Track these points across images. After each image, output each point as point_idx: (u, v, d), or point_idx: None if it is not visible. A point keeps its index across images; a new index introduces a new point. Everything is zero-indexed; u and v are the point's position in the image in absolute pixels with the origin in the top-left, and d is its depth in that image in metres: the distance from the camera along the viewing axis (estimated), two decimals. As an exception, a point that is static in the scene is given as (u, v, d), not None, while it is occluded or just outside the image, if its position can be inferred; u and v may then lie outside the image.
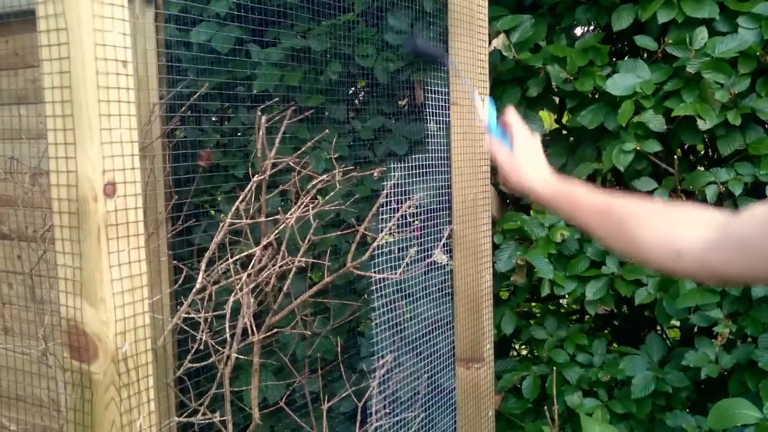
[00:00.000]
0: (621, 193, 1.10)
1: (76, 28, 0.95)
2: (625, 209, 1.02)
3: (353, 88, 2.71)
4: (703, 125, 1.90)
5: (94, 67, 0.96)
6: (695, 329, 2.11)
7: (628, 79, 2.00)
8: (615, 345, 2.52)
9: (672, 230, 0.95)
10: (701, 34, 1.92)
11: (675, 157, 2.01)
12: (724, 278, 0.96)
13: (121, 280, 1.02)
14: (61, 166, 1.00)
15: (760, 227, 0.86)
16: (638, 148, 1.97)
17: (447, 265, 1.99)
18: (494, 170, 2.18)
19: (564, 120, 2.38)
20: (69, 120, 0.98)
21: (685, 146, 2.21)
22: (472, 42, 1.94)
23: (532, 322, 2.46)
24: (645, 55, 2.15)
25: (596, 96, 2.12)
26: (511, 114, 1.30)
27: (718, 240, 0.90)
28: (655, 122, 1.96)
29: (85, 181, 0.98)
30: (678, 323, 2.21)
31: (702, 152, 2.42)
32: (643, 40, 2.05)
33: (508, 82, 2.21)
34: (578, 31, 2.39)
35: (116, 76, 0.99)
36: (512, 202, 2.35)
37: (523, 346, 2.73)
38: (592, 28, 2.39)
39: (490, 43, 2.10)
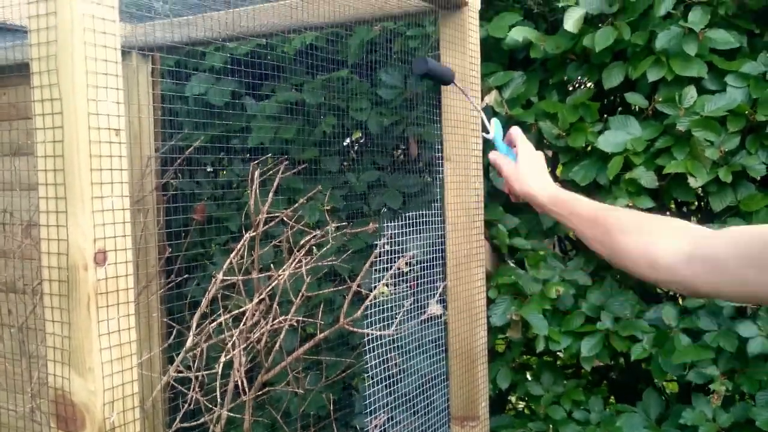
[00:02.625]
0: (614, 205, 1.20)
1: (70, 97, 0.96)
2: (612, 219, 1.12)
3: (348, 140, 2.73)
4: (694, 183, 1.91)
5: (87, 137, 0.97)
6: (693, 384, 2.09)
7: (619, 135, 2.02)
8: (612, 399, 2.50)
9: (650, 242, 1.03)
10: (690, 92, 1.95)
11: (668, 213, 2.02)
12: (693, 291, 1.02)
13: (110, 349, 1.01)
14: (51, 234, 1.00)
15: (729, 248, 0.93)
16: (631, 205, 1.98)
17: (442, 315, 1.98)
18: (488, 223, 2.18)
19: (558, 172, 2.39)
20: (61, 188, 0.98)
21: (678, 200, 2.22)
22: (464, 98, 1.96)
23: (528, 375, 2.43)
24: (636, 109, 2.17)
25: (589, 150, 2.14)
26: (516, 131, 1.45)
27: (690, 254, 0.97)
28: (647, 179, 1.97)
29: (75, 249, 0.98)
30: (675, 378, 2.19)
31: (695, 206, 2.43)
32: (634, 98, 2.07)
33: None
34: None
35: (109, 145, 1.00)
36: (507, 256, 2.35)
37: (520, 400, 2.70)
38: (584, 83, 2.42)
39: (482, 99, 2.12)
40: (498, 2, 2.33)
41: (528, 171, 1.35)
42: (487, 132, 1.52)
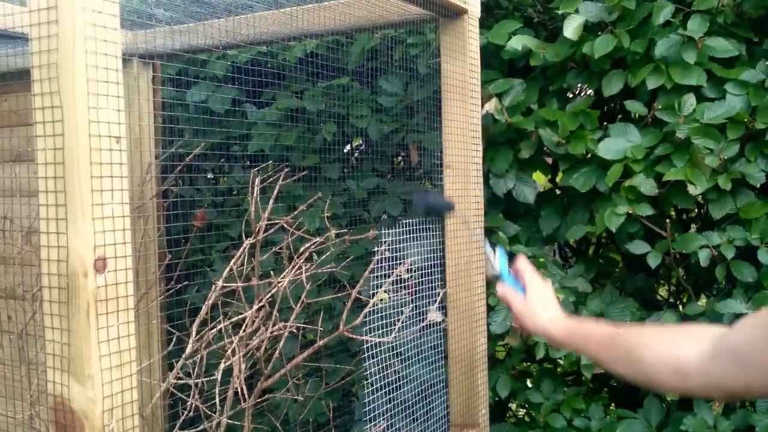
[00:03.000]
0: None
1: (71, 105, 0.96)
2: (629, 337, 1.09)
3: (348, 147, 2.74)
4: (693, 190, 1.91)
5: (87, 144, 0.97)
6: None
7: (618, 143, 2.02)
8: (613, 406, 2.49)
9: (671, 349, 1.00)
10: (689, 100, 1.95)
11: (667, 221, 2.02)
12: (724, 390, 0.97)
13: (110, 356, 1.01)
14: (51, 241, 1.00)
15: (749, 335, 0.90)
16: (630, 212, 1.98)
17: (442, 322, 1.98)
18: (488, 230, 2.18)
19: (558, 179, 2.40)
20: (61, 195, 0.98)
21: (678, 207, 2.22)
22: (464, 106, 1.97)
23: (528, 382, 2.43)
24: (636, 116, 2.18)
25: (589, 157, 2.14)
26: (523, 262, 1.39)
27: (712, 352, 0.94)
28: (647, 186, 1.97)
29: (75, 256, 0.98)
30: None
31: (695, 213, 2.43)
32: (633, 105, 2.08)
33: (501, 145, 2.23)
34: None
35: (109, 152, 1.00)
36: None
37: (520, 408, 2.69)
38: (584, 90, 2.43)
39: (482, 106, 2.12)
40: (498, 10, 2.34)
41: (538, 306, 1.31)
42: (493, 266, 1.45)
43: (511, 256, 1.45)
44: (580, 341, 1.19)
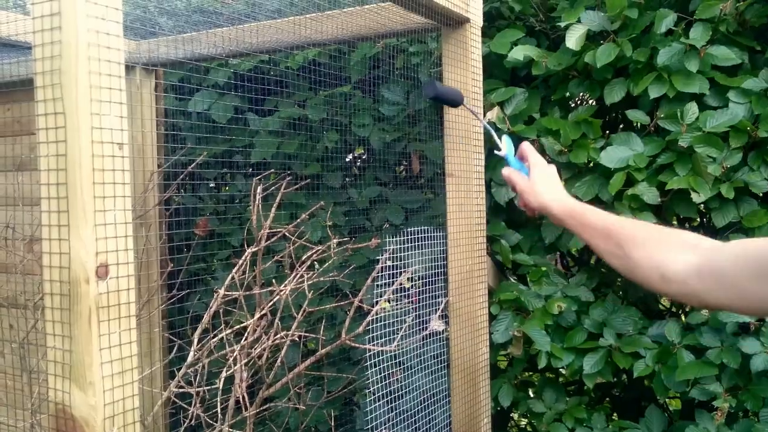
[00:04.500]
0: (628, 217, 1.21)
1: (74, 112, 0.97)
2: (625, 232, 1.13)
3: (350, 156, 2.74)
4: (697, 198, 1.91)
5: (90, 151, 0.97)
6: (696, 400, 2.08)
7: (621, 151, 2.02)
8: (615, 416, 2.48)
9: (661, 255, 1.05)
10: (692, 108, 1.95)
11: (670, 228, 2.02)
12: (703, 303, 1.03)
13: (111, 363, 1.01)
14: (53, 248, 1.00)
15: (736, 262, 0.95)
16: (633, 220, 1.98)
17: (444, 331, 1.98)
18: (490, 239, 2.18)
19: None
20: (63, 202, 0.98)
21: (681, 216, 2.22)
22: (467, 114, 1.97)
23: (531, 392, 2.42)
24: (638, 125, 2.18)
25: (591, 166, 2.14)
26: (527, 146, 1.46)
27: (698, 267, 0.99)
28: (649, 195, 1.97)
29: (77, 263, 0.98)
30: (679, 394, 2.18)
31: (698, 221, 2.43)
32: (635, 114, 2.08)
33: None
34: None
35: (112, 159, 1.00)
36: (510, 271, 2.34)
37: (522, 418, 2.68)
38: (586, 99, 2.43)
39: (484, 115, 2.13)
40: (500, 20, 2.34)
41: (542, 184, 1.36)
42: (499, 149, 1.52)
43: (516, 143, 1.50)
44: (578, 225, 1.24)
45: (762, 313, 1.01)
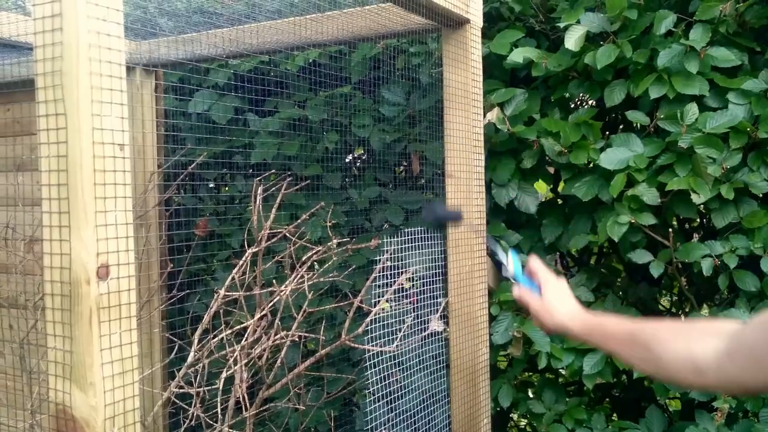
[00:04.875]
0: (646, 319, 1.19)
1: (74, 112, 0.97)
2: (648, 333, 1.09)
3: (350, 157, 2.74)
4: (696, 199, 1.91)
5: (91, 151, 0.97)
6: (695, 401, 2.08)
7: (621, 153, 2.02)
8: (615, 416, 2.48)
9: (689, 347, 1.01)
10: (692, 109, 1.95)
11: (670, 230, 2.02)
12: (743, 387, 0.97)
13: (112, 364, 1.01)
14: (54, 248, 1.00)
15: (762, 335, 0.90)
16: (633, 221, 1.98)
17: (444, 332, 1.98)
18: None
19: (560, 188, 2.40)
20: (64, 203, 0.98)
21: (680, 216, 2.22)
22: (467, 115, 1.97)
23: (530, 392, 2.42)
24: (638, 126, 2.18)
25: (591, 166, 2.14)
26: (535, 261, 1.40)
27: (727, 349, 0.95)
28: (649, 195, 1.97)
29: (78, 263, 0.98)
30: (679, 395, 2.18)
31: (698, 222, 2.43)
32: (635, 115, 2.08)
33: (503, 154, 2.23)
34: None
35: (113, 160, 1.00)
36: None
37: (522, 418, 2.68)
38: (586, 99, 2.43)
39: (484, 116, 2.13)
40: (500, 20, 2.34)
41: (556, 303, 1.32)
42: (506, 269, 1.47)
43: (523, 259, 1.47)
44: (599, 337, 1.21)
45: None
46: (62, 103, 0.97)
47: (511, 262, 1.45)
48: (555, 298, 1.32)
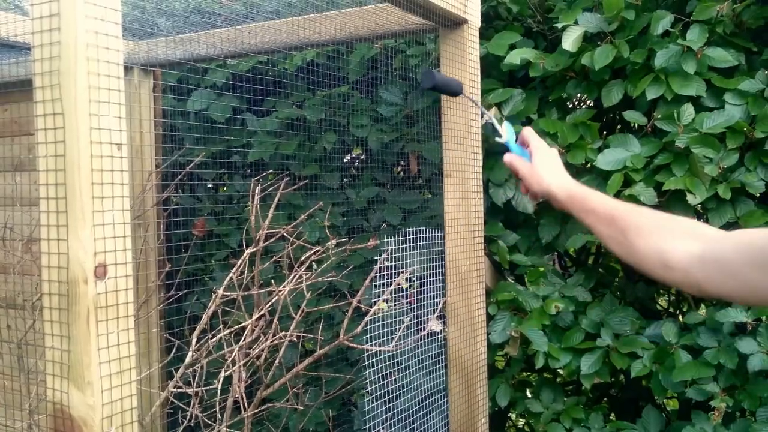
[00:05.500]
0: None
1: (72, 112, 0.97)
2: (628, 219, 1.13)
3: (348, 157, 2.74)
4: (693, 200, 1.91)
5: (88, 151, 0.97)
6: (693, 401, 2.08)
7: (618, 153, 2.03)
8: (613, 416, 2.48)
9: (664, 242, 1.05)
10: (688, 110, 1.96)
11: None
12: (703, 291, 1.02)
13: (109, 363, 1.01)
14: (52, 248, 1.00)
15: (739, 253, 0.94)
16: (630, 221, 1.98)
17: (442, 331, 1.98)
18: (488, 239, 2.18)
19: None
20: (62, 202, 0.98)
21: (678, 216, 2.22)
22: (464, 115, 1.97)
23: (528, 392, 2.42)
24: (636, 127, 2.18)
25: (588, 166, 2.15)
26: (528, 131, 1.45)
27: (701, 256, 0.99)
28: (647, 195, 1.97)
29: (75, 263, 0.98)
30: (676, 394, 2.18)
31: (694, 222, 2.43)
32: (633, 115, 2.09)
33: (501, 154, 2.22)
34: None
35: (110, 159, 1.00)
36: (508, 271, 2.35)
37: (520, 418, 2.69)
38: (583, 99, 2.43)
39: (482, 116, 2.13)
40: (498, 21, 2.35)
41: (544, 168, 1.35)
42: (500, 136, 1.51)
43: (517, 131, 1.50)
44: (581, 209, 1.23)
45: (762, 303, 1.00)
46: (60, 102, 0.97)
47: (505, 130, 1.49)
48: (544, 165, 1.36)
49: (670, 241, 1.03)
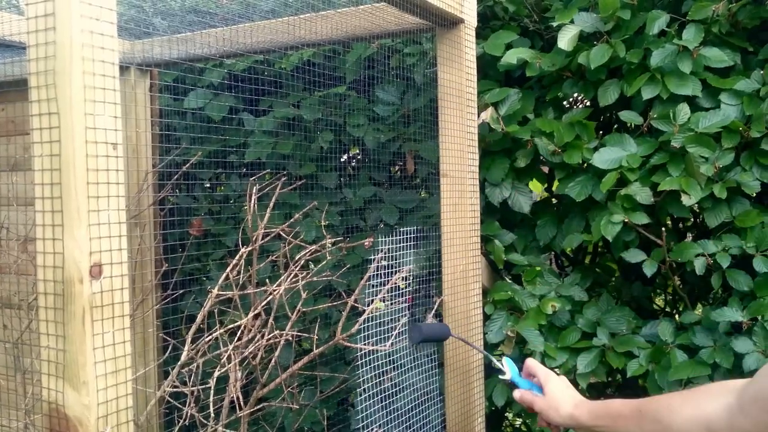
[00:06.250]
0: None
1: (68, 112, 0.97)
2: (656, 403, 1.12)
3: (345, 156, 2.74)
4: (687, 201, 1.91)
5: (84, 151, 0.97)
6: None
7: (614, 152, 2.03)
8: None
9: (699, 410, 1.03)
10: (684, 109, 1.96)
11: (663, 229, 2.02)
12: None
13: (105, 363, 1.01)
14: (47, 247, 1.00)
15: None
16: (626, 221, 1.99)
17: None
18: (484, 239, 2.19)
19: (554, 187, 2.40)
20: (57, 202, 0.98)
21: (674, 215, 2.23)
22: (461, 114, 1.98)
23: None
24: (632, 126, 2.19)
25: (585, 166, 2.15)
26: (532, 362, 1.45)
27: (739, 404, 0.97)
28: (642, 195, 1.98)
29: (71, 262, 0.98)
30: (671, 394, 2.19)
31: (691, 221, 2.44)
32: (629, 115, 2.09)
33: (497, 154, 2.24)
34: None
35: (106, 159, 1.00)
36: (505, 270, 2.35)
37: (516, 417, 2.69)
38: (580, 99, 2.44)
39: (478, 115, 2.13)
40: (494, 20, 2.35)
41: (560, 397, 1.34)
42: (503, 374, 1.51)
43: (517, 361, 1.52)
44: (608, 420, 1.22)
45: None
46: (55, 102, 0.97)
47: (507, 366, 1.50)
48: (557, 393, 1.35)
49: (705, 405, 1.02)
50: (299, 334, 1.85)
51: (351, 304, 1.74)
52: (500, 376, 1.51)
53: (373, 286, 1.75)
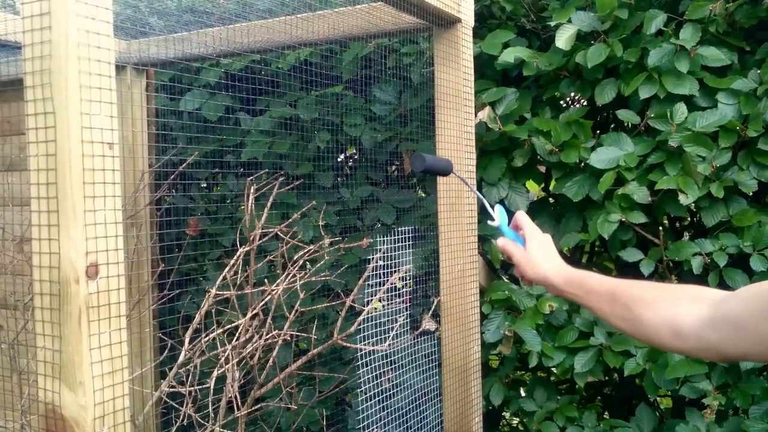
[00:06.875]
0: (627, 277, 1.17)
1: (63, 111, 0.96)
2: (631, 293, 1.09)
3: (342, 156, 2.74)
4: (684, 200, 1.91)
5: (80, 150, 0.97)
6: (686, 398, 2.09)
7: (610, 152, 2.03)
8: (606, 415, 2.49)
9: (672, 311, 1.02)
10: (681, 109, 1.96)
11: (660, 228, 2.02)
12: (721, 355, 0.99)
13: (101, 363, 1.00)
14: (43, 248, 0.99)
15: (749, 308, 0.92)
16: (623, 220, 1.99)
17: (436, 330, 1.98)
18: (481, 239, 2.18)
19: (551, 186, 2.40)
20: (53, 202, 0.98)
21: (671, 214, 2.23)
22: (458, 114, 1.97)
23: (522, 390, 2.42)
24: (629, 126, 2.19)
25: (582, 165, 2.15)
26: (521, 216, 1.42)
27: (711, 318, 0.96)
28: (640, 194, 1.98)
29: (67, 262, 0.98)
30: (669, 392, 2.19)
31: (688, 220, 2.44)
32: (626, 114, 2.09)
33: (494, 153, 2.23)
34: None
35: (102, 158, 1.00)
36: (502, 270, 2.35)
37: (513, 417, 2.69)
38: (577, 98, 2.44)
39: (476, 115, 2.13)
40: (491, 20, 2.35)
41: (539, 255, 1.32)
42: (492, 219, 1.49)
43: (510, 213, 1.48)
44: (580, 292, 1.20)
45: None
46: (51, 101, 0.97)
47: (497, 214, 1.47)
48: (538, 251, 1.33)
49: (678, 308, 1.01)
50: (297, 333, 1.84)
51: (348, 304, 1.74)
52: (489, 222, 1.49)
53: (370, 286, 1.74)
